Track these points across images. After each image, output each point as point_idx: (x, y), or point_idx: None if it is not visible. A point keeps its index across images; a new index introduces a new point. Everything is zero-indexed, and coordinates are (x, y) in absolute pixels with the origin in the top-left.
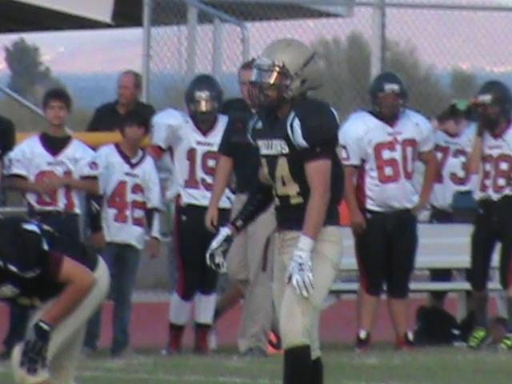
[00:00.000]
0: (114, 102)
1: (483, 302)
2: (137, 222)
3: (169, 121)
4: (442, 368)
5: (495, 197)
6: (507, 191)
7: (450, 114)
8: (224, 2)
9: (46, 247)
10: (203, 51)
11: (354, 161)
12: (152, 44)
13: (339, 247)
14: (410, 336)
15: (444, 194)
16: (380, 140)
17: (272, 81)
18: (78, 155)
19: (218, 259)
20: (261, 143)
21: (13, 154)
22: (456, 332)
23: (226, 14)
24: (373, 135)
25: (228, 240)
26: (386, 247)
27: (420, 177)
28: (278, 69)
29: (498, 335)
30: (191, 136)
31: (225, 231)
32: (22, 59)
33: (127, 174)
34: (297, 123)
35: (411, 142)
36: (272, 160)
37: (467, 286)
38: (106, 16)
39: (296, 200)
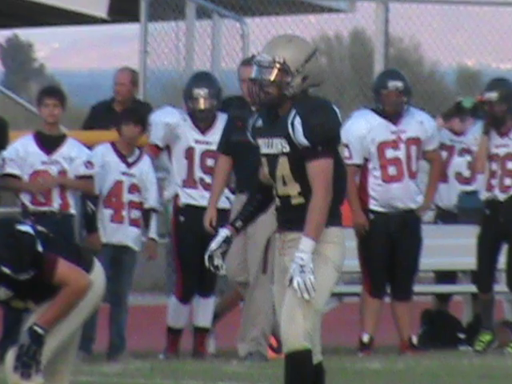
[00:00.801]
0: (110, 100)
1: (489, 305)
2: (133, 222)
3: (166, 119)
4: (447, 373)
5: (502, 197)
6: None
7: (456, 112)
8: None
9: (40, 249)
10: (202, 47)
11: (357, 160)
12: (149, 40)
13: (341, 249)
14: (414, 340)
15: (449, 194)
16: (383, 139)
17: (272, 78)
18: (73, 154)
19: (217, 261)
20: (261, 142)
21: (6, 153)
22: (461, 336)
23: (225, 10)
24: (376, 134)
25: (227, 241)
26: (389, 249)
27: (424, 176)
28: (278, 65)
29: (505, 339)
30: (189, 134)
31: (224, 232)
32: (16, 56)
33: (124, 173)
34: (298, 121)
35: (415, 141)
36: (272, 159)
37: (473, 288)
38: (101, 11)
39: (297, 200)
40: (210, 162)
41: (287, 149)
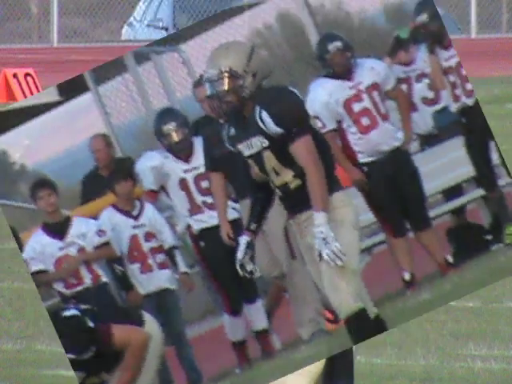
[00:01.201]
0: (94, 169)
1: (501, 199)
2: (162, 266)
3: (150, 163)
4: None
5: (470, 102)
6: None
7: (398, 46)
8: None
9: (91, 324)
10: (153, 88)
11: (331, 126)
12: (105, 102)
13: (352, 208)
14: (450, 259)
15: (424, 119)
16: (345, 97)
17: (226, 87)
18: (83, 230)
19: (249, 267)
20: (241, 147)
21: (25, 254)
22: (489, 237)
23: (159, 46)
24: (337, 95)
25: (250, 246)
26: (393, 189)
27: (397, 114)
28: (227, 74)
29: None
30: (176, 168)
31: (244, 239)
32: None
33: (134, 227)
34: (265, 114)
35: (374, 87)
36: (258, 157)
37: (481, 191)
38: (53, 95)
39: (295, 183)
40: (204, 183)
41: (266, 143)
